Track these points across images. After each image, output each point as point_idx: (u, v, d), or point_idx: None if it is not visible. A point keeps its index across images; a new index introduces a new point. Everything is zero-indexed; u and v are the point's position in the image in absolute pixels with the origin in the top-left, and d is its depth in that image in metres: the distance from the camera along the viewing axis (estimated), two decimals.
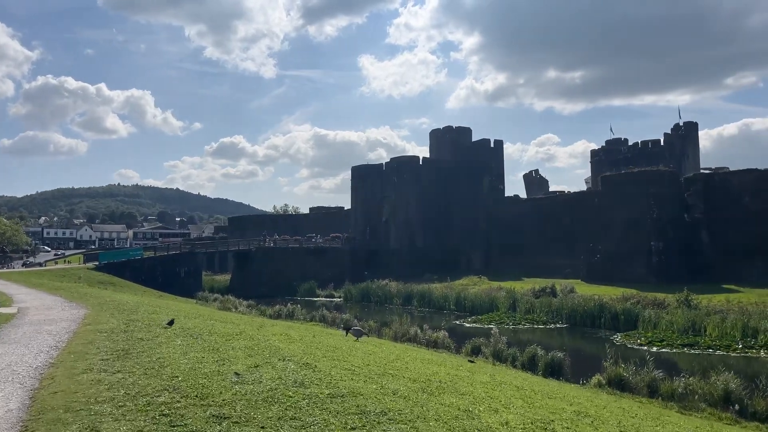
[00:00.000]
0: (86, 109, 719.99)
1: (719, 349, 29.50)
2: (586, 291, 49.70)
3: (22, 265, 73.06)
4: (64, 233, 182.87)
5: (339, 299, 62.86)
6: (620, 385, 19.12)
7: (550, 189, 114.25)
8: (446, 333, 27.97)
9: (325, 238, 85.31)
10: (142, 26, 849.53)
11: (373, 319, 39.28)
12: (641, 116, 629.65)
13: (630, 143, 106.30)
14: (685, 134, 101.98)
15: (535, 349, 23.01)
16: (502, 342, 24.60)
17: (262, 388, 7.38)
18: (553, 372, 21.60)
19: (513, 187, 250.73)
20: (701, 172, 75.53)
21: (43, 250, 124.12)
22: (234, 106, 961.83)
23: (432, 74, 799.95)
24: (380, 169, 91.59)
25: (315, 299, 62.85)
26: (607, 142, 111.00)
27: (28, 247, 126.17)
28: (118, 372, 8.30)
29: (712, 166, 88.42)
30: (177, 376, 7.89)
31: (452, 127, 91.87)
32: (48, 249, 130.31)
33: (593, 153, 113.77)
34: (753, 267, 52.55)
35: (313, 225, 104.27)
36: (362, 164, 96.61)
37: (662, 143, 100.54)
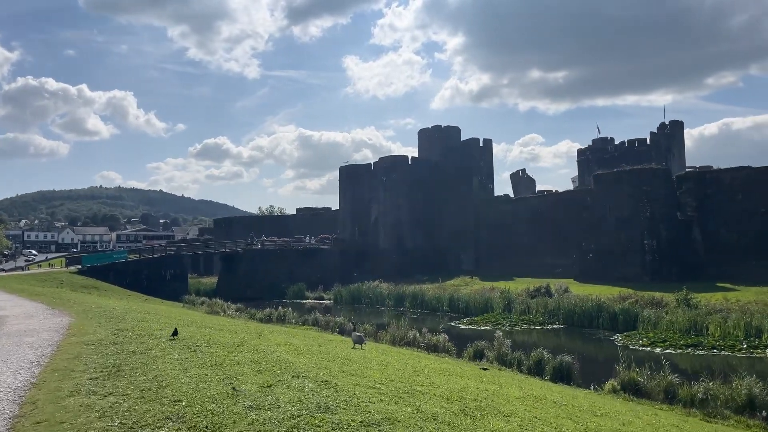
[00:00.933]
0: (67, 110, 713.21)
1: (724, 350, 28.87)
2: (580, 291, 49.07)
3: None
4: (45, 236, 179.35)
5: (329, 301, 61.81)
6: (635, 391, 18.29)
7: (537, 189, 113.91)
8: (446, 336, 27.02)
9: (317, 239, 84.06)
10: (123, 27, 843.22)
11: (367, 321, 38.27)
12: (624, 116, 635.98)
13: (616, 142, 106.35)
14: (670, 133, 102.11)
15: (541, 353, 22.14)
16: (506, 345, 23.70)
17: (281, 415, 6.28)
18: (562, 377, 20.73)
19: (498, 187, 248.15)
20: (693, 170, 75.43)
21: (29, 254, 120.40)
22: (218, 107, 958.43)
23: (417, 75, 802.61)
24: (369, 169, 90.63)
25: (304, 301, 61.70)
26: (594, 141, 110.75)
27: (8, 251, 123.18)
28: (110, 394, 7.23)
29: (696, 165, 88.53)
30: (180, 400, 6.80)
31: (441, 126, 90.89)
32: (35, 253, 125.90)
33: (580, 152, 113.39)
34: (746, 265, 52.26)
35: (300, 226, 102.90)
36: (350, 164, 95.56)
37: (648, 142, 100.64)
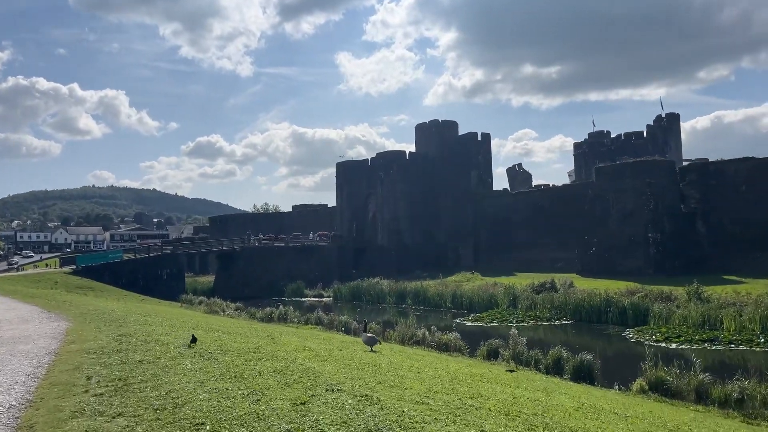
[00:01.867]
0: (58, 109, 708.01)
1: (741, 344, 28.10)
2: (585, 285, 48.31)
3: None
4: (38, 236, 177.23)
5: (328, 299, 60.89)
6: (664, 390, 17.41)
7: (533, 183, 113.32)
8: (457, 335, 26.09)
9: (319, 235, 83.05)
10: (114, 25, 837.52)
11: (370, 320, 37.32)
12: (617, 110, 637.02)
13: (612, 136, 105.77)
14: (667, 126, 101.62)
15: (559, 351, 21.25)
16: (522, 344, 22.81)
17: None
18: (583, 376, 19.85)
19: (493, 182, 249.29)
20: (693, 161, 74.89)
21: (25, 255, 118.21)
22: (210, 105, 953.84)
23: (410, 71, 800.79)
24: (366, 165, 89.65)
25: (303, 300, 60.83)
26: (590, 135, 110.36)
27: (0, 251, 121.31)
28: (119, 416, 6.25)
29: (692, 158, 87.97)
30: (202, 423, 5.79)
31: (438, 120, 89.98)
32: (32, 254, 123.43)
33: (576, 146, 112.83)
34: (752, 257, 51.67)
35: (297, 223, 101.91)
36: (347, 160, 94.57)
37: (645, 135, 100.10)
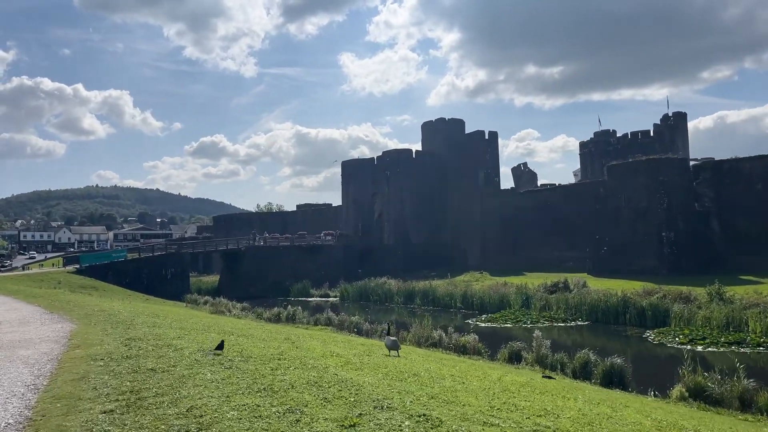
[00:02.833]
0: (63, 110, 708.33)
1: None
2: (598, 285, 47.31)
3: None
4: (42, 236, 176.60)
5: (335, 299, 59.95)
6: (704, 397, 16.38)
7: (538, 183, 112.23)
8: (476, 336, 25.07)
9: (330, 234, 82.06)
10: (119, 26, 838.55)
11: (377, 320, 36.45)
12: (620, 110, 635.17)
13: (618, 135, 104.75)
14: (674, 125, 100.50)
15: (587, 355, 20.25)
16: (546, 346, 21.80)
17: None
18: (614, 382, 18.82)
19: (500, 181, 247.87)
20: (699, 160, 73.74)
21: (28, 255, 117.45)
22: (214, 106, 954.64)
23: (413, 71, 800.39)
24: (371, 164, 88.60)
25: (309, 299, 59.90)
26: (596, 134, 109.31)
27: (4, 251, 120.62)
28: None
29: (698, 157, 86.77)
30: None
31: (445, 119, 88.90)
32: (35, 254, 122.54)
33: (582, 145, 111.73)
34: (766, 256, 50.56)
35: (301, 222, 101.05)
36: (353, 159, 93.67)
37: (652, 134, 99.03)
